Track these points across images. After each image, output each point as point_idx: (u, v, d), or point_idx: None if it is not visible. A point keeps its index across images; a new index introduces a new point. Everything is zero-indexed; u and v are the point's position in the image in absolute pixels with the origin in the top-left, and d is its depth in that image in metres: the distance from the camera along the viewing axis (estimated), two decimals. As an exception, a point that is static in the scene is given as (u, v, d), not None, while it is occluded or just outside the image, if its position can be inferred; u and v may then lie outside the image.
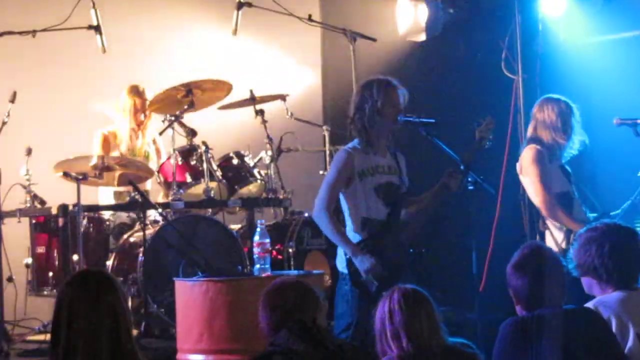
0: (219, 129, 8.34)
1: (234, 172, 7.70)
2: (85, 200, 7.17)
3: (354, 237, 5.87)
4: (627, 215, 6.80)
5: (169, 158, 7.54)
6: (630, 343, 4.49)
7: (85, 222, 7.34)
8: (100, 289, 3.71)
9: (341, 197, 5.97)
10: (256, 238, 5.89)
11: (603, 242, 4.67)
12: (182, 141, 7.59)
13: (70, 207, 7.13)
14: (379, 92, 5.93)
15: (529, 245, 4.61)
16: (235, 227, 7.75)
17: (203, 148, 7.47)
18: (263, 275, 5.83)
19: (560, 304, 4.35)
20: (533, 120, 6.91)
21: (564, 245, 6.63)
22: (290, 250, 7.54)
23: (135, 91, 8.04)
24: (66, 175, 7.02)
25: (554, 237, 6.71)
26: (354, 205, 5.90)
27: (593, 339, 4.31)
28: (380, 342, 4.09)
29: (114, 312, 3.68)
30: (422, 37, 9.26)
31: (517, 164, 6.91)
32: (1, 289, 6.96)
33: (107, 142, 8.02)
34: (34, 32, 7.27)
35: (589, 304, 4.61)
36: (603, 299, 4.62)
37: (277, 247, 7.53)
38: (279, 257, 7.53)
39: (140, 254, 7.13)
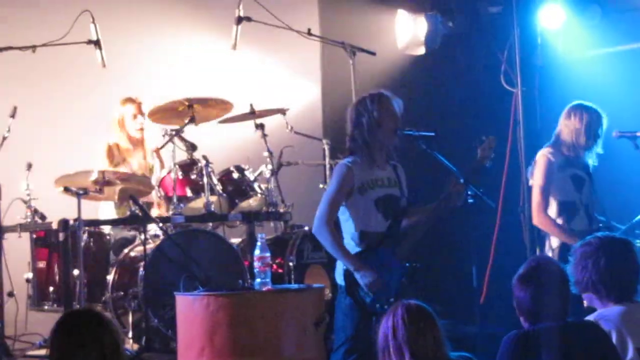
0: (219, 143, 8.34)
1: (234, 186, 7.71)
2: (85, 215, 7.17)
3: (351, 249, 5.87)
4: (630, 230, 6.83)
5: (169, 172, 7.54)
6: (629, 356, 4.50)
7: (85, 236, 7.34)
8: (87, 334, 3.53)
9: (340, 209, 5.97)
10: (257, 252, 5.89)
11: (598, 257, 4.65)
12: (182, 155, 7.60)
13: (71, 222, 7.14)
14: (372, 104, 5.94)
15: (536, 259, 4.63)
16: (235, 241, 7.75)
17: (203, 162, 7.48)
18: (264, 289, 5.83)
19: (563, 317, 4.36)
20: (560, 124, 6.94)
21: (557, 251, 6.66)
22: (291, 264, 7.54)
23: (125, 101, 8.06)
24: (67, 190, 7.03)
25: (550, 243, 6.73)
26: (353, 218, 5.89)
27: (594, 352, 4.31)
28: (383, 357, 4.09)
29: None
30: (422, 50, 9.28)
31: (530, 167, 6.95)
32: (2, 304, 6.98)
33: (112, 153, 8.03)
34: (34, 47, 7.29)
35: (590, 317, 4.61)
36: (604, 313, 4.62)
37: (277, 261, 7.52)
38: (280, 271, 7.52)
39: (141, 269, 7.12)
